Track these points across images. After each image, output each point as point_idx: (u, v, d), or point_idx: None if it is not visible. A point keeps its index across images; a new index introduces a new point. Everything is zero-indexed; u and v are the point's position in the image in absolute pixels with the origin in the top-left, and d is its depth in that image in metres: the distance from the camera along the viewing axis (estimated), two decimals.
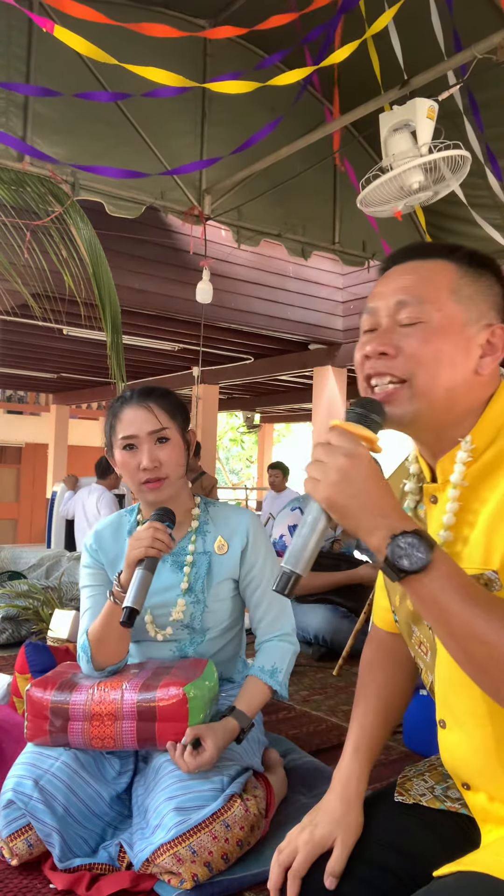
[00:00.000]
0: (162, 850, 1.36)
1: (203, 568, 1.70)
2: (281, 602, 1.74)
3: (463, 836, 0.95)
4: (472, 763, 0.92)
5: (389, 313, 0.94)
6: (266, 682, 1.65)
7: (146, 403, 1.65)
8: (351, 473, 0.81)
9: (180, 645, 1.73)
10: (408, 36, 2.95)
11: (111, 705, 1.54)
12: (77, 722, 1.54)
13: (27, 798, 1.46)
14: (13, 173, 3.04)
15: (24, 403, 12.74)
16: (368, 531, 0.81)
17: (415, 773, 1.08)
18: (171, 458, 1.64)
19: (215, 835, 1.37)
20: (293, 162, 3.72)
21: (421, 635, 1.01)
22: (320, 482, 0.83)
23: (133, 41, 3.12)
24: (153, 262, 5.36)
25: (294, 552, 0.83)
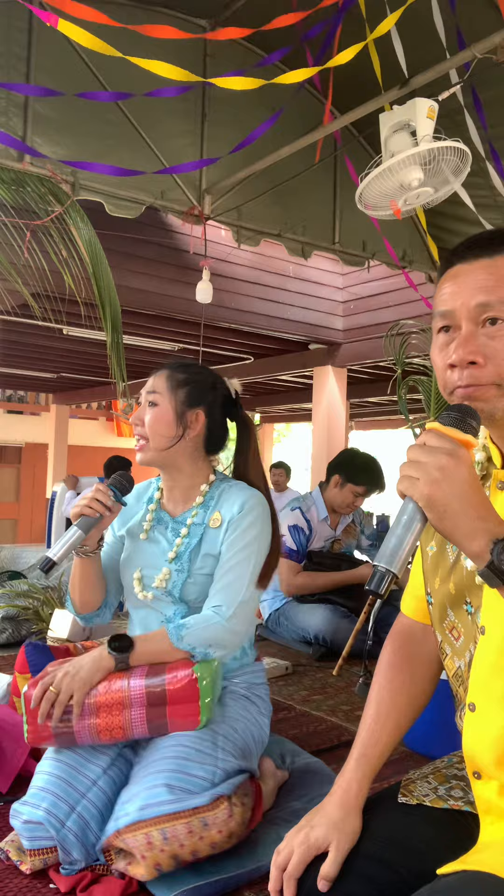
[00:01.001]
0: (136, 827, 1.34)
1: (195, 539, 1.73)
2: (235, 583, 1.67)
3: (466, 833, 0.95)
4: (496, 749, 0.91)
5: (470, 316, 0.92)
6: (168, 630, 1.61)
7: (159, 370, 1.80)
8: (453, 472, 0.80)
9: (165, 615, 1.72)
10: (408, 35, 2.94)
11: (118, 694, 1.52)
12: (84, 719, 1.52)
13: (59, 825, 1.43)
14: (13, 173, 3.04)
15: (24, 403, 12.74)
16: (467, 535, 0.79)
17: (418, 776, 1.08)
18: (151, 424, 1.74)
19: (191, 829, 1.35)
20: (293, 162, 3.71)
21: (455, 620, 1.00)
22: (419, 480, 0.80)
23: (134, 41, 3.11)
24: (153, 262, 5.35)
25: (389, 551, 0.81)
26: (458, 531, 0.80)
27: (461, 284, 0.94)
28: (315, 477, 7.04)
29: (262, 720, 1.75)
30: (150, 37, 2.74)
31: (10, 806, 1.74)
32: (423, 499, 0.80)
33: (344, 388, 7.09)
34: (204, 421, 1.78)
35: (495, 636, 0.93)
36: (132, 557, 1.80)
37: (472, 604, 0.97)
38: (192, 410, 1.76)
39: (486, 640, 0.94)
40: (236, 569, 1.68)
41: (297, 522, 3.69)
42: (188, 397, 1.76)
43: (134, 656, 1.58)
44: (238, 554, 1.69)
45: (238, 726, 1.62)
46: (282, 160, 3.51)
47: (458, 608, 1.00)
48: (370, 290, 6.45)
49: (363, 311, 6.59)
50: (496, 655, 0.92)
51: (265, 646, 3.60)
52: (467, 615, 0.98)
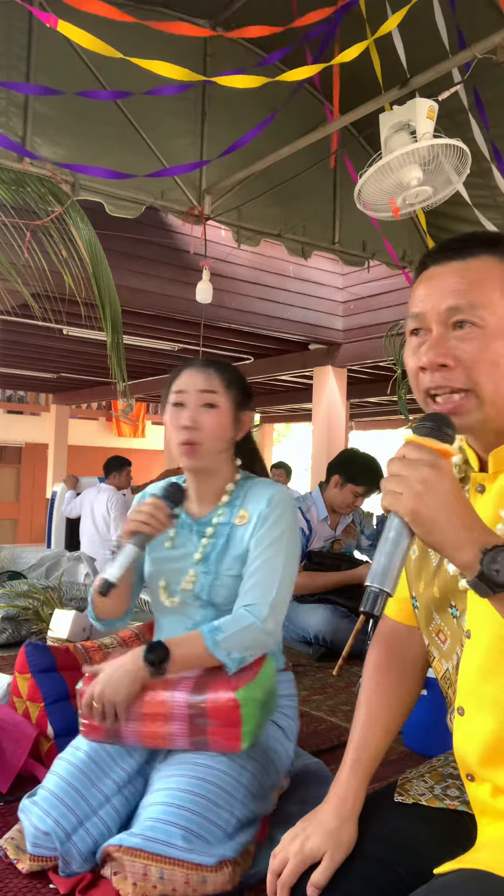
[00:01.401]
0: (137, 854, 1.32)
1: (222, 539, 1.66)
2: (266, 580, 1.60)
3: (462, 832, 0.95)
4: (484, 751, 0.92)
5: (440, 319, 0.92)
6: (203, 633, 1.52)
7: (202, 368, 1.67)
8: (436, 484, 0.79)
9: (193, 619, 1.66)
10: (408, 35, 2.95)
11: (161, 705, 1.48)
12: (130, 721, 1.50)
13: (65, 837, 1.41)
14: (13, 173, 3.04)
15: (24, 403, 12.74)
16: (455, 546, 0.79)
17: (415, 775, 1.08)
18: (211, 426, 1.62)
19: (188, 880, 1.32)
20: (293, 162, 3.72)
21: (442, 623, 1.00)
22: (402, 495, 0.80)
23: (134, 41, 3.12)
24: (153, 262, 5.35)
25: (380, 570, 0.81)
26: (445, 543, 0.80)
27: (433, 287, 0.94)
28: (315, 477, 7.04)
29: (289, 745, 1.70)
30: (151, 37, 2.75)
31: (9, 806, 1.74)
32: (408, 514, 0.80)
33: (344, 388, 7.09)
34: (250, 424, 1.73)
35: (481, 639, 0.93)
36: (157, 566, 1.73)
37: (458, 607, 0.97)
38: (244, 412, 1.70)
39: (472, 644, 0.94)
40: (267, 564, 1.60)
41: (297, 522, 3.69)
42: (241, 397, 1.69)
43: (171, 662, 1.51)
44: (268, 549, 1.62)
45: (269, 767, 1.57)
46: (282, 160, 3.51)
47: (443, 611, 1.00)
48: (370, 290, 6.45)
49: (363, 311, 6.59)
50: (482, 658, 0.92)
51: None
52: (453, 618, 0.98)
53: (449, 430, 0.86)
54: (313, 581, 3.60)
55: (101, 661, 2.11)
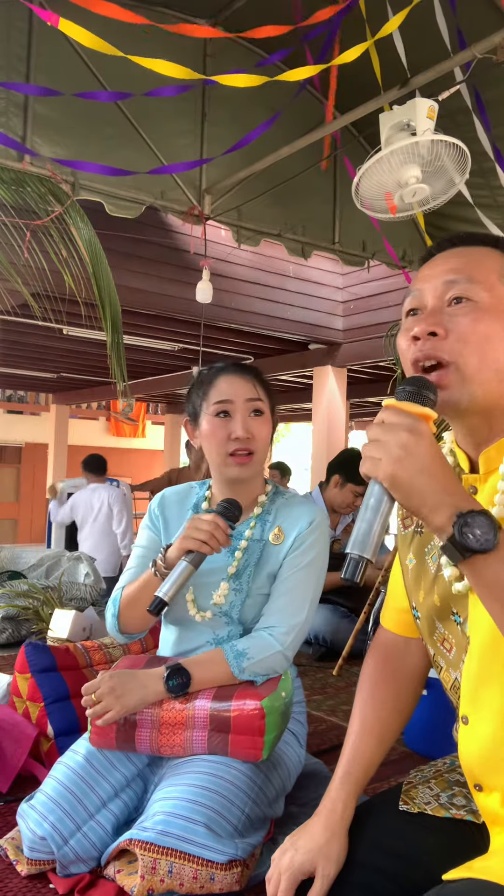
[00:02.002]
0: (148, 847, 1.31)
1: (255, 556, 1.63)
2: (294, 603, 1.57)
3: (468, 843, 0.94)
4: (491, 760, 0.91)
5: (437, 294, 0.93)
6: (228, 658, 1.51)
7: (242, 374, 1.63)
8: (414, 448, 0.78)
9: (217, 634, 1.63)
10: (408, 35, 2.94)
11: (182, 714, 1.47)
12: (145, 730, 1.48)
13: (62, 842, 1.41)
14: (13, 173, 3.04)
15: (24, 403, 12.74)
16: (432, 509, 0.78)
17: (420, 779, 1.06)
18: (262, 433, 1.61)
19: (197, 876, 1.32)
20: (293, 162, 3.71)
21: (446, 632, 0.99)
22: (381, 460, 0.79)
23: (134, 40, 3.11)
24: (153, 262, 5.35)
25: (359, 536, 0.80)
26: (424, 506, 0.79)
27: (433, 268, 0.96)
28: (315, 477, 7.04)
29: (300, 752, 1.69)
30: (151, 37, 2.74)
31: (10, 806, 1.74)
32: (387, 478, 0.79)
33: (344, 388, 7.09)
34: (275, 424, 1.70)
35: (479, 645, 0.91)
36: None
37: (460, 614, 0.96)
38: (274, 416, 1.68)
39: (472, 650, 0.93)
40: (297, 589, 1.58)
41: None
42: (272, 403, 1.67)
43: (192, 686, 1.50)
44: (299, 573, 1.59)
45: (282, 771, 1.57)
46: (282, 160, 3.51)
47: (446, 619, 0.99)
48: (370, 290, 6.45)
49: (363, 311, 6.59)
50: (479, 665, 0.91)
51: None
52: (457, 626, 0.97)
53: (430, 393, 0.85)
54: None
55: (101, 661, 2.10)
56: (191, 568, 1.47)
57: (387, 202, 2.96)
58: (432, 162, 2.83)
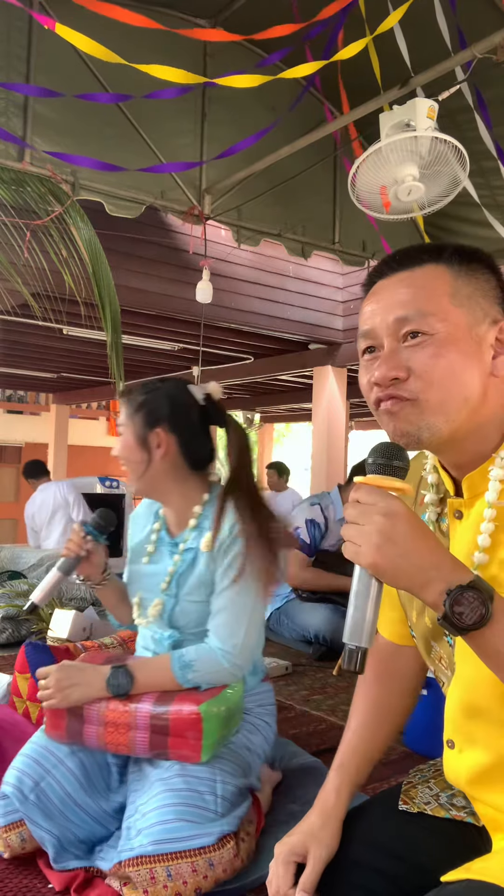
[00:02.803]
0: (140, 861, 1.33)
1: (186, 563, 1.66)
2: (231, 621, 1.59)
3: (468, 844, 0.94)
4: (482, 783, 0.90)
5: (390, 332, 0.88)
6: (174, 669, 1.56)
7: (124, 396, 1.74)
8: (392, 533, 0.77)
9: (161, 636, 1.68)
10: (408, 35, 2.94)
11: (125, 715, 1.52)
12: (92, 725, 1.53)
13: (23, 797, 1.46)
14: (13, 173, 3.04)
15: (24, 403, 12.73)
16: (422, 587, 0.77)
17: (420, 779, 1.06)
18: (120, 453, 1.70)
19: (196, 868, 1.33)
20: (293, 162, 3.71)
21: (441, 651, 0.98)
22: (361, 548, 0.78)
23: (134, 41, 3.12)
24: (153, 262, 5.35)
25: (355, 626, 0.80)
26: (413, 586, 0.78)
27: (380, 301, 0.91)
28: (315, 477, 7.04)
29: (263, 738, 1.72)
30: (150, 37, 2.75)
31: None
32: (370, 566, 0.79)
33: (344, 388, 7.09)
34: (170, 439, 1.66)
35: (465, 673, 0.91)
36: (133, 581, 1.77)
37: (452, 636, 0.95)
38: (153, 431, 1.65)
39: (457, 677, 0.92)
40: (234, 605, 1.60)
41: (315, 517, 3.70)
42: (145, 419, 1.66)
43: (135, 688, 1.55)
44: (230, 589, 1.61)
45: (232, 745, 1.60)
46: (282, 160, 3.51)
47: (440, 640, 0.98)
48: None
49: None
50: (464, 696, 0.91)
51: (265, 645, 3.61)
52: (449, 647, 0.96)
53: (399, 462, 0.83)
54: (319, 578, 3.61)
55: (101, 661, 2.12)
56: (59, 574, 1.65)
57: (381, 197, 2.95)
58: (431, 164, 2.83)
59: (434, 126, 2.78)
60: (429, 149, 2.78)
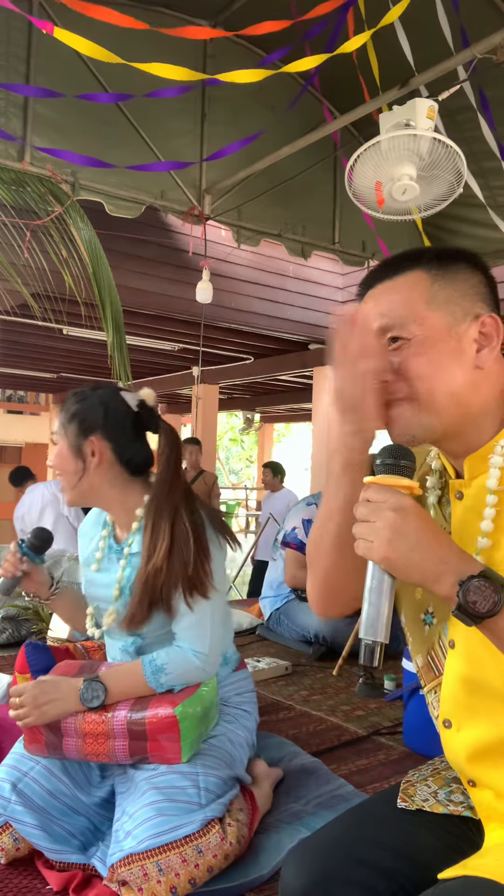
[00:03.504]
0: (130, 860, 1.34)
1: (133, 568, 1.65)
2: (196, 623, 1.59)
3: (466, 838, 0.95)
4: (481, 761, 0.91)
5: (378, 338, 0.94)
6: (146, 674, 1.56)
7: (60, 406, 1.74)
8: (403, 527, 0.80)
9: (125, 643, 1.67)
10: (408, 35, 2.95)
11: (101, 724, 1.52)
12: (70, 738, 1.53)
13: (5, 801, 1.48)
14: (13, 173, 3.04)
15: (24, 403, 12.74)
16: (434, 580, 0.80)
17: (418, 778, 1.07)
18: (54, 464, 1.69)
19: (185, 858, 1.34)
20: (293, 162, 3.72)
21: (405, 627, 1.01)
22: (373, 543, 0.81)
23: (134, 41, 3.12)
24: (153, 262, 5.36)
25: (370, 621, 0.82)
26: (426, 580, 0.81)
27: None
28: (315, 477, 7.05)
29: (243, 724, 1.72)
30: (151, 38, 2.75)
31: None
32: (382, 561, 0.81)
33: None
34: (104, 446, 1.65)
35: (467, 650, 0.92)
36: (87, 590, 1.77)
37: (436, 616, 0.97)
38: (86, 440, 1.64)
39: (456, 655, 0.94)
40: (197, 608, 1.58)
41: (312, 517, 3.71)
42: (79, 428, 1.66)
43: (109, 698, 1.56)
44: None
45: (213, 740, 1.61)
46: (282, 160, 3.51)
47: (414, 615, 1.01)
48: None
49: None
50: (467, 670, 0.92)
51: (265, 645, 3.60)
52: (424, 625, 0.99)
53: (406, 461, 0.86)
54: None
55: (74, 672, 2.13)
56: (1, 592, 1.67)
57: (376, 193, 2.94)
58: (430, 166, 2.82)
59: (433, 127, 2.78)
60: (429, 150, 2.79)
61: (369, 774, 2.03)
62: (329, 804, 1.76)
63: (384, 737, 2.33)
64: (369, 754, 2.18)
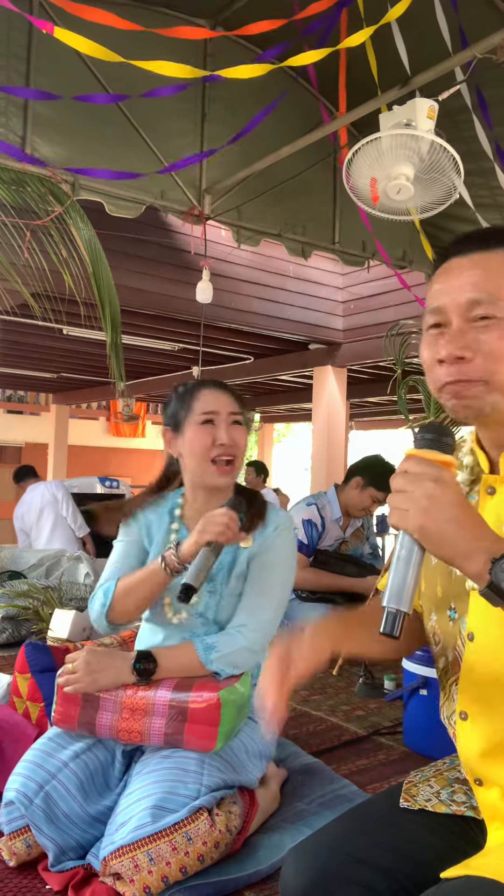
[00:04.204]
0: (121, 852, 1.35)
1: (227, 559, 1.71)
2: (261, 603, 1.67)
3: (468, 839, 0.94)
4: (493, 756, 0.91)
5: (460, 312, 0.91)
6: (197, 649, 1.61)
7: (226, 391, 1.74)
8: (441, 498, 0.79)
9: (194, 633, 1.70)
10: (408, 35, 2.94)
11: (143, 700, 1.54)
12: (106, 713, 1.55)
13: (28, 802, 1.47)
14: (13, 173, 3.04)
15: (24, 403, 12.73)
16: (466, 557, 0.79)
17: (420, 779, 1.07)
18: (242, 443, 1.71)
19: (175, 846, 1.35)
20: (293, 162, 3.71)
21: (436, 625, 1.00)
22: (409, 511, 0.80)
23: (134, 41, 3.11)
24: (153, 262, 5.35)
25: (394, 590, 0.81)
26: (456, 556, 0.80)
27: (453, 279, 0.93)
28: (315, 477, 7.04)
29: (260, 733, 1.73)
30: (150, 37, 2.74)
31: None
32: (416, 530, 0.80)
33: (344, 388, 7.09)
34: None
35: (486, 642, 0.92)
36: None
37: (457, 610, 0.97)
38: (249, 429, 1.79)
39: (476, 647, 0.93)
40: (264, 590, 1.68)
41: (312, 517, 3.71)
42: (246, 417, 1.77)
43: (158, 674, 1.59)
44: (265, 575, 1.69)
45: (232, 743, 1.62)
46: (282, 160, 3.51)
47: (441, 612, 1.00)
48: (370, 290, 6.45)
49: (363, 311, 6.59)
50: (489, 662, 0.92)
51: None
52: (449, 620, 0.98)
53: (448, 439, 0.86)
54: (319, 579, 3.61)
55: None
56: (212, 557, 1.55)
57: (371, 189, 2.94)
58: (428, 169, 2.82)
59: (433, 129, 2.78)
60: (429, 151, 2.78)
61: (369, 774, 2.03)
62: (332, 804, 1.76)
63: (384, 737, 2.34)
64: (369, 754, 2.18)
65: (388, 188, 2.87)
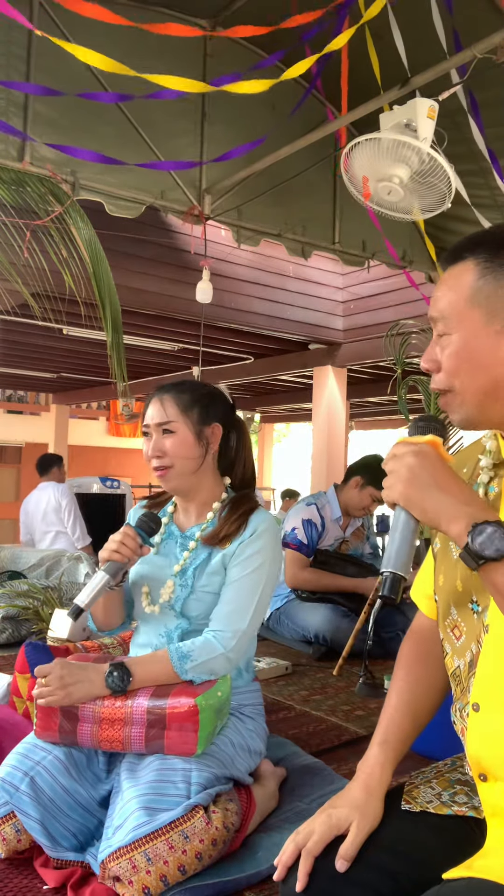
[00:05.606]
0: (119, 854, 1.35)
1: (201, 556, 1.74)
2: (238, 609, 1.68)
3: (470, 839, 0.94)
4: (501, 748, 0.91)
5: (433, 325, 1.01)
6: (172, 659, 1.61)
7: (160, 396, 1.77)
8: (419, 468, 0.87)
9: (167, 627, 1.73)
10: (407, 35, 2.94)
11: (121, 710, 1.54)
12: (86, 724, 1.55)
13: (13, 789, 1.48)
14: (13, 173, 3.04)
15: (24, 403, 12.74)
16: (450, 520, 0.84)
17: (421, 780, 1.07)
18: (174, 449, 1.73)
19: (172, 844, 1.35)
20: (293, 162, 3.71)
21: (458, 618, 1.01)
22: (394, 484, 0.89)
23: (136, 42, 3.11)
24: (153, 262, 5.35)
25: (393, 555, 0.89)
26: (442, 519, 0.85)
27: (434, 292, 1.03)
28: (315, 477, 7.04)
29: (250, 731, 1.74)
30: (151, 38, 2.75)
31: None
32: (402, 498, 0.89)
33: (344, 388, 7.09)
34: (219, 434, 1.80)
35: (498, 635, 0.92)
36: (142, 571, 1.82)
37: (479, 603, 0.98)
38: (208, 426, 1.78)
39: (492, 639, 0.94)
40: (241, 596, 1.69)
41: (312, 517, 3.71)
42: (200, 414, 1.77)
43: (133, 685, 1.59)
44: (246, 579, 1.70)
45: (217, 739, 1.63)
46: (282, 160, 3.51)
47: (463, 606, 1.01)
48: (370, 290, 6.45)
49: (363, 311, 6.59)
50: (498, 654, 0.92)
51: (265, 645, 3.60)
52: (473, 614, 0.98)
53: (436, 424, 0.95)
54: (319, 579, 3.61)
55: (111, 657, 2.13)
56: (107, 577, 1.59)
57: (363, 185, 2.94)
58: (425, 173, 2.82)
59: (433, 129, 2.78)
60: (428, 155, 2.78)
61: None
62: None
63: None
64: None
65: (378, 188, 2.88)
